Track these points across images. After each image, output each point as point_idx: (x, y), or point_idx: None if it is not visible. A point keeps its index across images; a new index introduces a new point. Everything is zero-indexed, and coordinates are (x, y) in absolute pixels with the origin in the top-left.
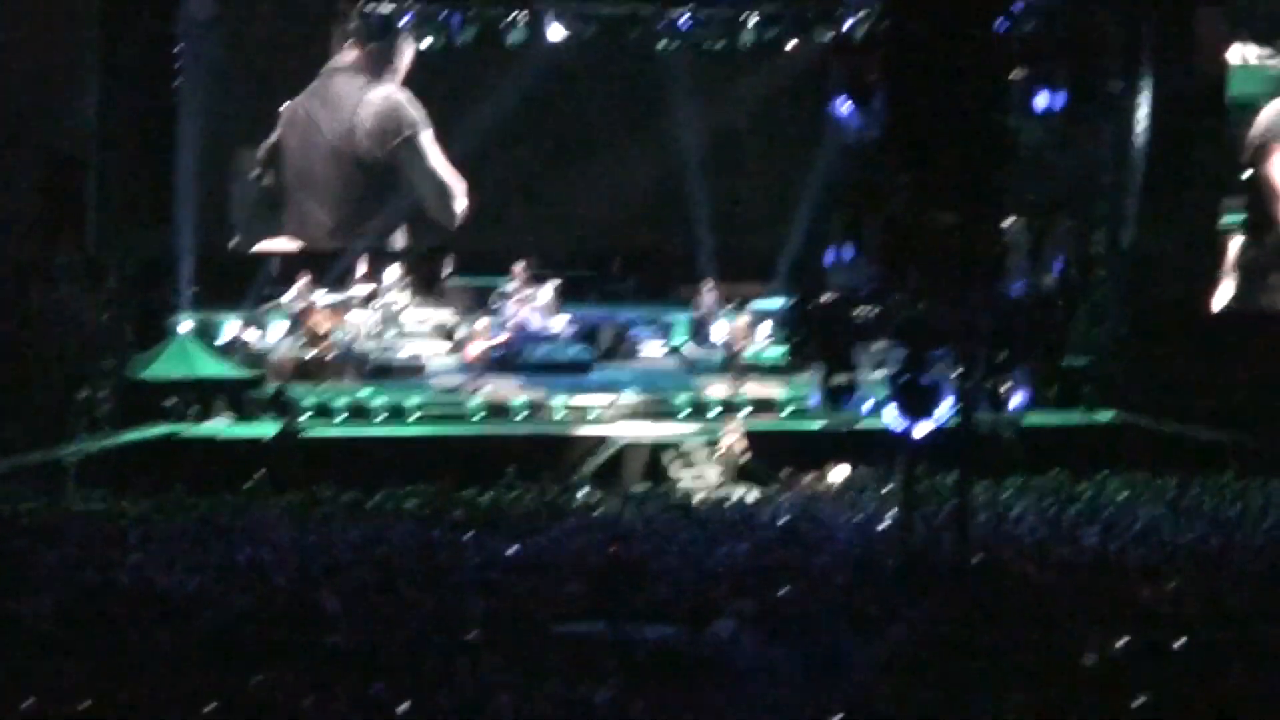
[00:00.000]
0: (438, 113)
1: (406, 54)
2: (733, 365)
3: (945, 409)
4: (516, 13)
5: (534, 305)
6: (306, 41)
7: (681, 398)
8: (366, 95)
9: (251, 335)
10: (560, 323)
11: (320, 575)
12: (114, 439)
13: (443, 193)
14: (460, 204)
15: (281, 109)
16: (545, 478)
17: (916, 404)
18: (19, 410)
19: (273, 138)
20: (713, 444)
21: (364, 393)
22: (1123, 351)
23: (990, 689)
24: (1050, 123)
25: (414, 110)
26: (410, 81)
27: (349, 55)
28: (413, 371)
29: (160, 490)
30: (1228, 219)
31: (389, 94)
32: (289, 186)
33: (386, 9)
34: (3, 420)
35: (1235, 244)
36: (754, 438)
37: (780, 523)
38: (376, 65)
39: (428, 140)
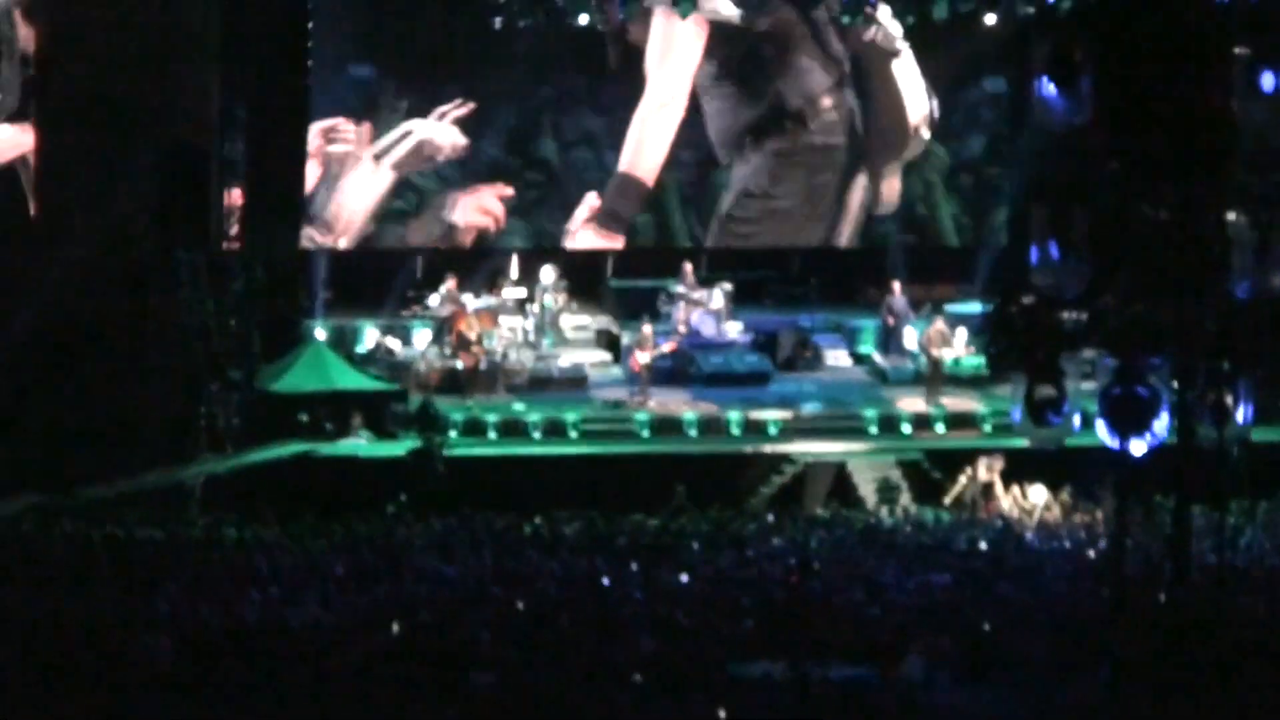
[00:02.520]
0: (591, 94)
1: None
2: (930, 376)
3: (1162, 425)
4: None
5: (705, 309)
6: (454, 8)
7: (870, 412)
8: None
9: (393, 343)
10: (735, 329)
11: (470, 609)
12: (241, 459)
13: None
14: None
15: None
16: (719, 500)
17: (1130, 419)
18: (136, 426)
19: None
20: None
21: (518, 406)
22: None
23: None
24: (1278, 104)
25: None
26: (562, 61)
27: None
28: (573, 383)
29: (293, 515)
30: None
31: None
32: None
33: None
34: (119, 438)
35: None
36: (953, 456)
37: (979, 551)
38: None
39: None
